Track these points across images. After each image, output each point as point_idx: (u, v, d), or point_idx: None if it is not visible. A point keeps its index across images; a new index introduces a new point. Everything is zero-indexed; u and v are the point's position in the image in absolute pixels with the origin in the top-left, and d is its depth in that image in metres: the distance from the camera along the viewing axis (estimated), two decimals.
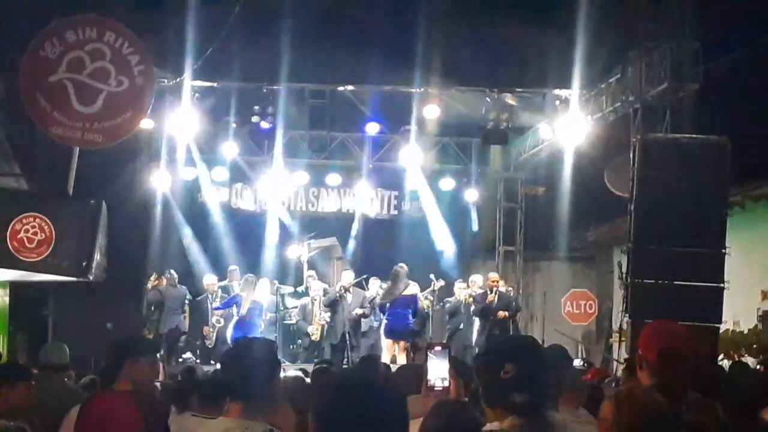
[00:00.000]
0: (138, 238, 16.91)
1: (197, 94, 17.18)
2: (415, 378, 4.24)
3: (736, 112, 16.22)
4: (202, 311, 18.34)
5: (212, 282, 18.31)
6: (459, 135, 20.56)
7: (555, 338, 16.70)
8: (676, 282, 12.72)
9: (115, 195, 14.45)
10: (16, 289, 14.84)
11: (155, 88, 12.93)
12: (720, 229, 12.88)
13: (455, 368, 4.11)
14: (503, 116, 17.41)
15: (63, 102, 11.91)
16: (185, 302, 17.82)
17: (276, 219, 20.43)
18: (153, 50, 12.94)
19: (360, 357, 12.53)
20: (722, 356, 14.10)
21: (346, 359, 16.24)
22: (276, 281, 18.37)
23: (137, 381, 5.50)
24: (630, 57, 15.71)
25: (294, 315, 18.33)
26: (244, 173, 20.32)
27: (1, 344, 14.36)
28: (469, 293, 17.17)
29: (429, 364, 3.88)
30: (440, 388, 3.86)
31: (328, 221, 21.06)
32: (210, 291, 18.21)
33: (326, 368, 9.21)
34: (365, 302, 16.72)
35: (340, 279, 17.48)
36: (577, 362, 14.57)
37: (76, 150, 12.90)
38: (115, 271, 13.81)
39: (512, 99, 17.83)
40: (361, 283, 17.38)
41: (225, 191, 20.57)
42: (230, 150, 19.00)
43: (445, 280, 17.89)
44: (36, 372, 7.03)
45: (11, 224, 11.59)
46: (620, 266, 13.64)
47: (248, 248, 19.88)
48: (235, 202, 20.70)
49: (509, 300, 17.02)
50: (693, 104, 15.10)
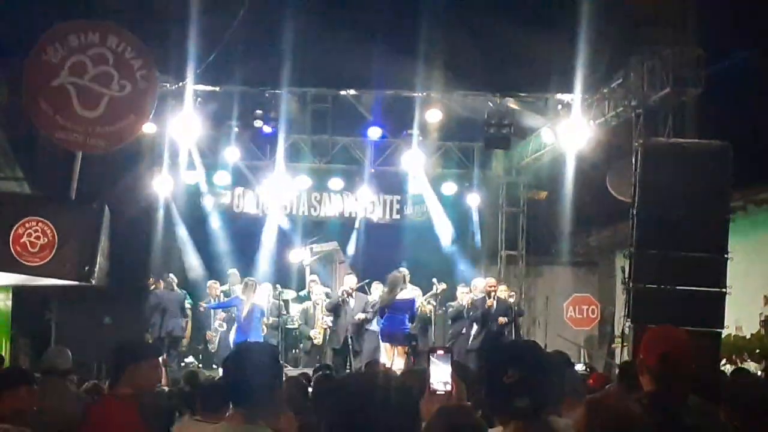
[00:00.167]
0: (140, 242, 16.88)
1: (199, 99, 17.21)
2: (419, 383, 4.23)
3: (739, 117, 16.19)
4: (205, 316, 18.36)
5: (215, 288, 18.34)
6: (461, 139, 20.57)
7: (557, 343, 16.68)
8: (679, 287, 12.69)
9: (118, 199, 14.42)
10: (19, 294, 14.82)
11: (158, 93, 12.93)
12: (722, 234, 12.84)
13: (458, 372, 4.10)
14: (505, 121, 17.37)
15: (65, 106, 11.90)
16: (185, 306, 17.82)
17: (278, 223, 20.45)
18: (155, 55, 12.93)
19: (366, 362, 12.49)
20: (724, 361, 14.08)
21: (349, 364, 16.24)
22: (278, 285, 18.38)
23: (139, 385, 5.50)
24: (632, 62, 15.72)
25: (296, 319, 18.33)
26: (247, 177, 20.34)
27: (4, 348, 14.35)
28: (471, 298, 17.15)
29: (431, 369, 3.87)
30: (443, 393, 3.84)
31: (330, 225, 21.09)
32: (213, 296, 18.26)
33: (329, 375, 9.20)
34: (368, 307, 16.69)
35: (343, 283, 17.46)
36: (580, 367, 14.60)
37: (79, 154, 12.87)
38: (118, 275, 13.79)
39: (514, 103, 17.83)
40: (364, 288, 17.36)
41: (227, 195, 20.59)
42: (232, 154, 19.03)
43: (447, 285, 17.86)
44: (39, 376, 7.03)
45: (14, 228, 11.56)
46: (623, 271, 13.61)
47: (250, 253, 19.90)
48: (238, 207, 20.72)
49: (508, 305, 16.98)
50: (695, 109, 15.13)
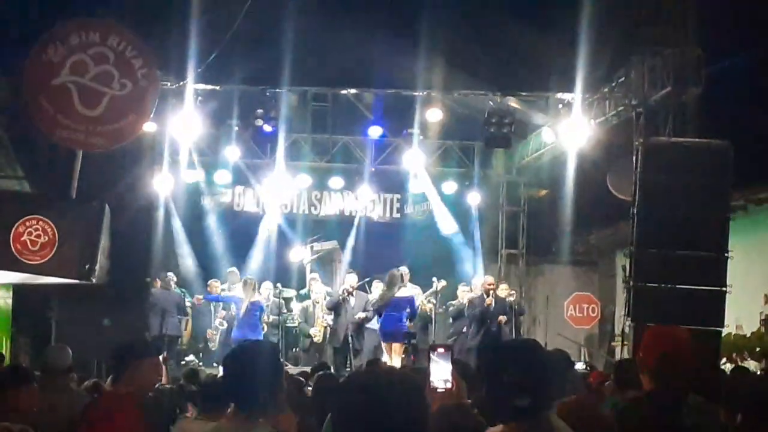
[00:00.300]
0: (141, 241, 16.88)
1: (200, 98, 17.19)
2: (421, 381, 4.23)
3: (739, 116, 16.20)
4: (205, 314, 18.36)
5: (216, 286, 18.33)
6: (461, 138, 20.55)
7: (558, 342, 16.68)
8: (679, 286, 12.70)
9: (118, 198, 14.44)
10: (19, 292, 14.85)
11: (158, 92, 12.95)
12: (722, 233, 12.85)
13: (458, 370, 4.10)
14: (506, 119, 17.35)
15: (66, 105, 11.93)
16: (183, 305, 17.75)
17: (278, 222, 20.45)
18: (156, 54, 12.95)
19: (367, 361, 12.49)
20: (725, 360, 14.09)
21: (349, 362, 16.25)
22: (279, 284, 18.37)
23: (140, 383, 5.51)
24: (633, 61, 15.71)
25: (296, 317, 18.33)
26: (247, 176, 20.33)
27: (4, 347, 14.37)
28: (471, 296, 17.15)
29: (432, 366, 3.87)
30: (443, 390, 3.85)
31: (331, 224, 21.08)
32: (213, 294, 18.24)
33: (330, 374, 9.20)
34: (368, 305, 16.69)
35: (343, 282, 17.45)
36: (580, 366, 14.61)
37: (79, 153, 12.90)
38: (118, 274, 13.80)
39: (515, 102, 17.80)
40: (364, 286, 17.36)
41: (227, 194, 20.60)
42: (233, 153, 19.01)
43: (448, 283, 17.87)
44: (39, 375, 7.03)
45: (14, 227, 11.58)
46: (624, 270, 13.62)
47: (250, 251, 19.90)
48: (238, 205, 20.73)
49: (508, 304, 16.99)
50: (696, 108, 15.10)
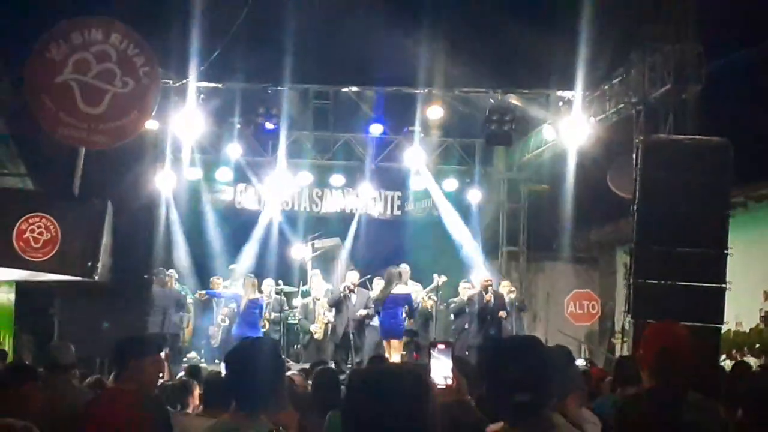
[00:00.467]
0: (143, 239, 16.90)
1: (202, 95, 17.22)
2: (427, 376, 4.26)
3: (739, 114, 16.20)
4: (208, 311, 18.38)
5: (218, 283, 18.35)
6: (462, 136, 20.56)
7: (558, 338, 16.72)
8: (679, 282, 12.73)
9: (121, 195, 14.45)
10: (22, 289, 14.88)
11: (160, 89, 12.98)
12: (722, 230, 12.87)
13: (459, 367, 4.13)
14: (507, 117, 17.35)
15: (68, 103, 11.95)
16: (183, 302, 17.66)
17: (280, 219, 20.47)
18: (158, 52, 12.97)
19: (369, 358, 12.51)
20: (724, 357, 14.13)
21: (350, 359, 16.28)
22: (280, 281, 18.40)
23: (141, 380, 5.53)
24: (633, 58, 15.73)
25: (297, 314, 18.37)
26: (248, 174, 20.36)
27: (7, 344, 14.41)
28: (471, 294, 17.17)
29: (432, 363, 3.90)
30: (443, 387, 3.87)
31: (332, 222, 21.11)
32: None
33: (329, 369, 9.23)
34: (369, 302, 16.72)
35: (344, 279, 17.48)
36: (580, 362, 14.65)
37: (82, 150, 12.93)
38: (120, 271, 13.84)
39: (516, 100, 17.82)
40: (365, 284, 17.39)
41: (229, 192, 20.63)
42: (234, 151, 19.03)
43: (449, 280, 17.89)
44: (42, 371, 7.06)
45: (17, 224, 11.62)
46: (626, 267, 13.67)
47: (252, 249, 19.92)
48: (239, 203, 20.76)
49: (509, 301, 17.02)
50: (696, 105, 15.11)
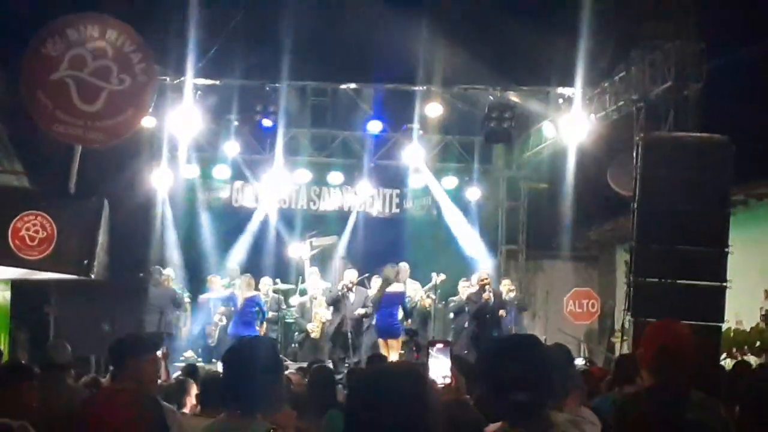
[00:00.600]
0: (139, 237, 16.85)
1: (199, 92, 17.14)
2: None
3: (740, 111, 16.16)
4: (205, 310, 18.32)
5: (215, 281, 18.30)
6: (461, 133, 20.49)
7: (557, 337, 16.67)
8: (679, 281, 12.70)
9: (117, 193, 14.40)
10: (18, 287, 14.83)
11: (157, 86, 12.93)
12: (723, 228, 12.84)
13: (457, 366, 4.08)
14: (506, 114, 17.30)
15: (64, 100, 11.90)
16: (179, 301, 17.58)
17: (277, 217, 20.41)
18: (155, 48, 12.92)
19: (368, 357, 12.46)
20: (725, 355, 14.08)
21: (348, 358, 16.23)
22: (278, 280, 18.35)
23: (139, 379, 5.49)
24: (633, 55, 15.70)
25: (293, 313, 18.32)
26: (246, 171, 20.30)
27: (3, 342, 14.35)
28: (470, 292, 17.13)
29: (431, 362, 3.85)
30: (442, 386, 3.83)
31: (330, 219, 21.05)
32: (213, 289, 18.22)
33: (325, 367, 9.18)
34: (367, 301, 16.68)
35: (342, 277, 17.43)
36: (580, 361, 14.59)
37: (78, 148, 12.88)
38: (117, 270, 13.79)
39: (515, 97, 17.77)
40: (364, 282, 17.34)
41: (226, 189, 20.57)
42: (232, 148, 18.96)
43: (448, 279, 17.85)
44: (38, 371, 7.01)
45: (13, 222, 11.58)
46: (627, 265, 13.62)
47: (249, 246, 19.86)
48: (236, 201, 20.70)
49: (508, 299, 16.99)
50: (696, 103, 15.08)
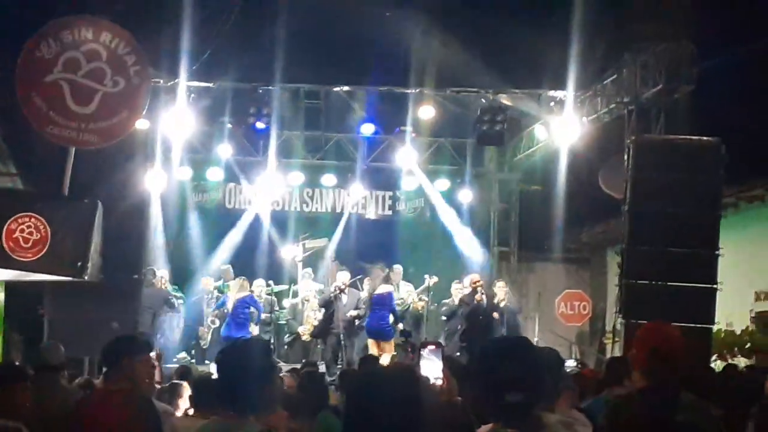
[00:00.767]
0: (133, 238, 16.85)
1: (193, 95, 17.16)
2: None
3: (731, 114, 16.23)
4: (198, 312, 18.32)
5: (208, 282, 18.30)
6: (454, 136, 20.53)
7: (549, 339, 16.74)
8: (670, 283, 12.76)
9: (111, 195, 14.38)
10: (12, 289, 14.78)
11: (151, 89, 12.92)
12: (713, 231, 12.91)
13: (449, 367, 4.11)
14: (498, 117, 17.34)
15: (58, 102, 11.88)
16: (171, 302, 17.63)
17: (270, 220, 20.41)
18: (149, 51, 12.92)
19: (361, 358, 12.48)
20: (715, 357, 14.14)
21: (340, 360, 16.25)
22: (271, 282, 18.36)
23: (133, 380, 5.50)
24: (625, 58, 15.76)
25: (286, 314, 18.33)
26: (239, 174, 20.30)
27: None
28: (462, 295, 17.15)
29: (423, 364, 3.87)
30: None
31: (323, 221, 21.06)
32: (206, 291, 18.23)
33: (316, 370, 9.22)
34: (359, 303, 16.70)
35: (335, 279, 17.45)
36: (571, 363, 14.64)
37: (72, 150, 12.86)
38: (110, 271, 13.77)
39: (507, 100, 17.80)
40: (356, 284, 17.36)
41: (220, 191, 20.57)
42: (225, 150, 18.98)
43: (441, 281, 17.89)
44: (31, 372, 7.03)
45: (6, 224, 11.53)
46: (619, 267, 13.67)
47: (242, 248, 19.86)
48: (230, 203, 20.71)
49: (500, 301, 17.02)
50: (687, 105, 15.16)
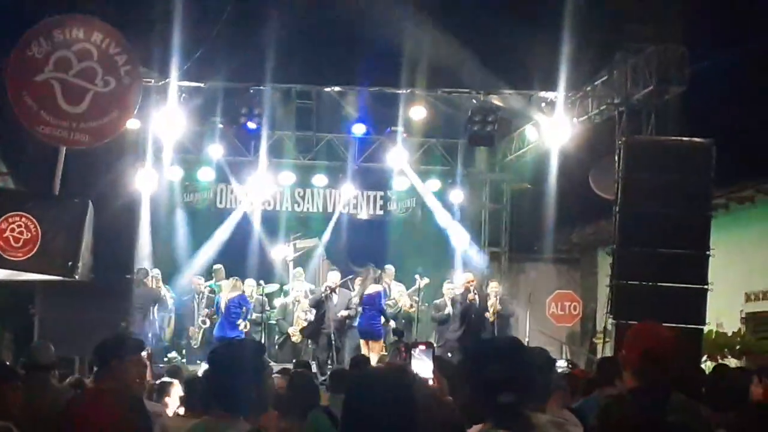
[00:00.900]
0: (124, 238, 16.82)
1: (184, 95, 17.13)
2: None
3: (722, 115, 16.27)
4: (189, 311, 18.29)
5: (199, 282, 18.28)
6: (445, 136, 20.54)
7: (539, 339, 16.74)
8: (660, 283, 12.79)
9: (101, 194, 14.36)
10: (2, 288, 14.75)
11: (142, 88, 12.90)
12: (704, 231, 12.95)
13: (440, 368, 4.11)
14: (489, 118, 17.35)
15: (49, 101, 11.85)
16: (163, 303, 17.53)
17: (261, 219, 20.39)
18: (140, 50, 12.90)
19: (352, 358, 12.49)
20: (706, 358, 14.18)
21: (331, 360, 16.25)
22: (262, 281, 18.35)
23: (123, 380, 5.50)
24: (616, 59, 15.78)
25: (276, 314, 18.33)
26: (230, 174, 20.27)
27: None
28: (453, 295, 17.17)
29: (413, 363, 3.88)
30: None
31: (314, 221, 21.06)
32: (196, 291, 18.20)
33: (306, 370, 9.21)
34: (350, 303, 16.71)
35: (326, 279, 17.45)
36: (562, 363, 14.65)
37: (63, 149, 12.83)
38: (101, 271, 13.75)
39: (498, 100, 17.82)
40: (347, 284, 17.36)
41: (210, 191, 20.55)
42: (216, 150, 18.96)
43: (432, 281, 17.91)
44: (22, 371, 7.02)
45: None
46: (610, 267, 13.70)
47: (234, 249, 19.83)
48: (221, 203, 20.69)
49: (488, 302, 17.06)
50: (678, 106, 15.19)
